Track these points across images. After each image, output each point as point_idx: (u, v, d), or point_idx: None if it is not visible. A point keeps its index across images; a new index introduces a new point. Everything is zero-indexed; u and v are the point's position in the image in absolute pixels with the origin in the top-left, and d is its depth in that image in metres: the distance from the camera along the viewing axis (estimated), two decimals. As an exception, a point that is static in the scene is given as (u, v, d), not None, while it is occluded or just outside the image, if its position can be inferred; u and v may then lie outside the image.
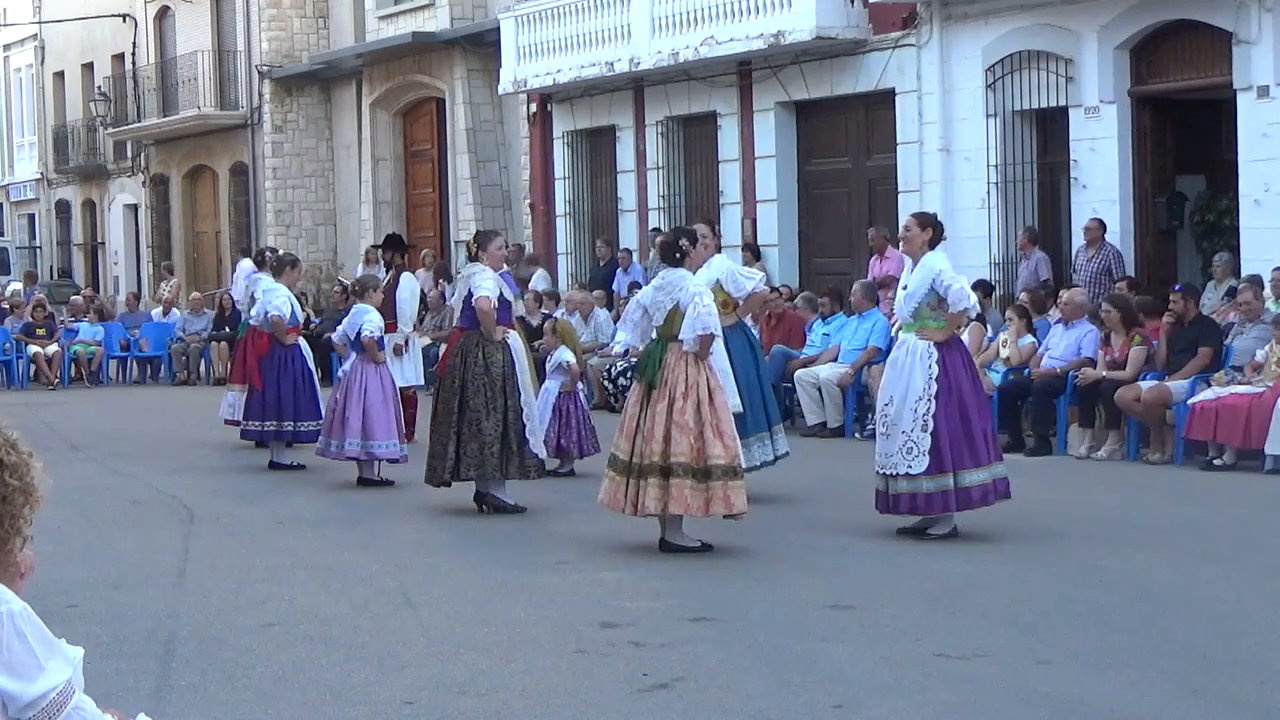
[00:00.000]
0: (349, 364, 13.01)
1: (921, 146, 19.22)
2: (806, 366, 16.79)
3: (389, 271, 15.52)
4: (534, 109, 25.87)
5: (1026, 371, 14.93)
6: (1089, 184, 17.40)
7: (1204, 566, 9.15)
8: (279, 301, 14.38)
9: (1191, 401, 13.28)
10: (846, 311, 17.23)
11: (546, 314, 20.10)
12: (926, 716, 6.14)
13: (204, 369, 25.42)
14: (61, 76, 42.33)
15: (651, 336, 9.76)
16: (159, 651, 7.31)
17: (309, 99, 32.58)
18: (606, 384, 18.60)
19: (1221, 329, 14.38)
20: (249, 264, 17.66)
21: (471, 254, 11.57)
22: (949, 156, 18.88)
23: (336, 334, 13.62)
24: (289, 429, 14.18)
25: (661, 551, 9.58)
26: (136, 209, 39.35)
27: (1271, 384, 12.99)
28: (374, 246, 22.72)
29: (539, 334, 16.40)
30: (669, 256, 9.87)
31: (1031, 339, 15.34)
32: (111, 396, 23.27)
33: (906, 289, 10.08)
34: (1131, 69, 17.23)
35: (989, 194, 18.44)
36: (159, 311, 27.31)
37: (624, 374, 17.61)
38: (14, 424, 3.31)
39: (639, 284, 17.99)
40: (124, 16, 38.09)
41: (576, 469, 13.13)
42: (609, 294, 21.86)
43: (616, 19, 22.90)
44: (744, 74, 21.69)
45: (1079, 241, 17.22)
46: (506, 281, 11.57)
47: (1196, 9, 16.34)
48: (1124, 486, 12.58)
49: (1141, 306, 14.69)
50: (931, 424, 9.75)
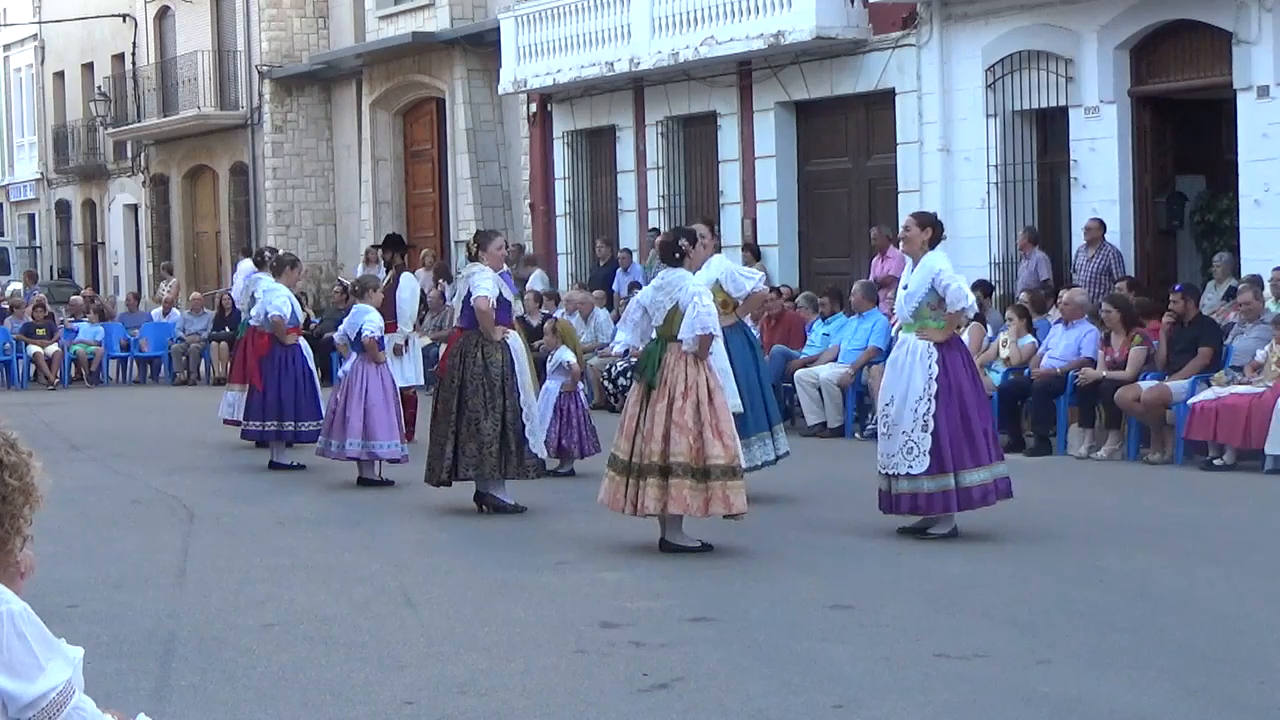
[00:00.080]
0: (349, 364, 13.01)
1: (921, 146, 19.22)
2: (806, 366, 16.79)
3: (389, 271, 15.52)
4: (534, 109, 25.86)
5: (1026, 371, 14.93)
6: (1089, 184, 17.40)
7: (1204, 566, 9.15)
8: (279, 301, 14.39)
9: (1191, 401, 13.28)
10: (846, 311, 17.24)
11: (546, 314, 20.10)
12: (926, 716, 6.14)
13: (204, 369, 25.42)
14: (61, 76, 42.33)
15: (651, 336, 9.76)
16: (159, 651, 7.31)
17: (309, 99, 32.58)
18: (606, 384, 18.60)
19: (1221, 329, 14.38)
20: (249, 264, 17.66)
21: (472, 254, 11.59)
22: (949, 156, 18.88)
23: (338, 334, 13.64)
24: (289, 429, 14.18)
25: (661, 551, 9.59)
26: (136, 209, 39.34)
27: (1271, 384, 12.99)
28: (374, 246, 22.72)
29: (539, 334, 16.41)
30: (669, 257, 9.87)
31: (1031, 339, 15.34)
32: (111, 396, 23.27)
33: (907, 289, 10.09)
34: (1131, 69, 17.23)
35: (989, 194, 18.44)
36: (159, 311, 27.31)
37: (624, 374, 17.61)
38: (14, 424, 3.31)
39: (639, 284, 17.98)
40: (124, 16, 38.09)
41: (576, 469, 13.13)
42: (609, 294, 21.86)
43: (616, 19, 22.89)
44: (744, 74, 21.69)
45: (1079, 241, 17.22)
46: (506, 281, 11.57)
47: (1196, 9, 16.34)
48: (1124, 486, 12.58)
49: (1140, 308, 14.69)
50: (932, 424, 9.75)
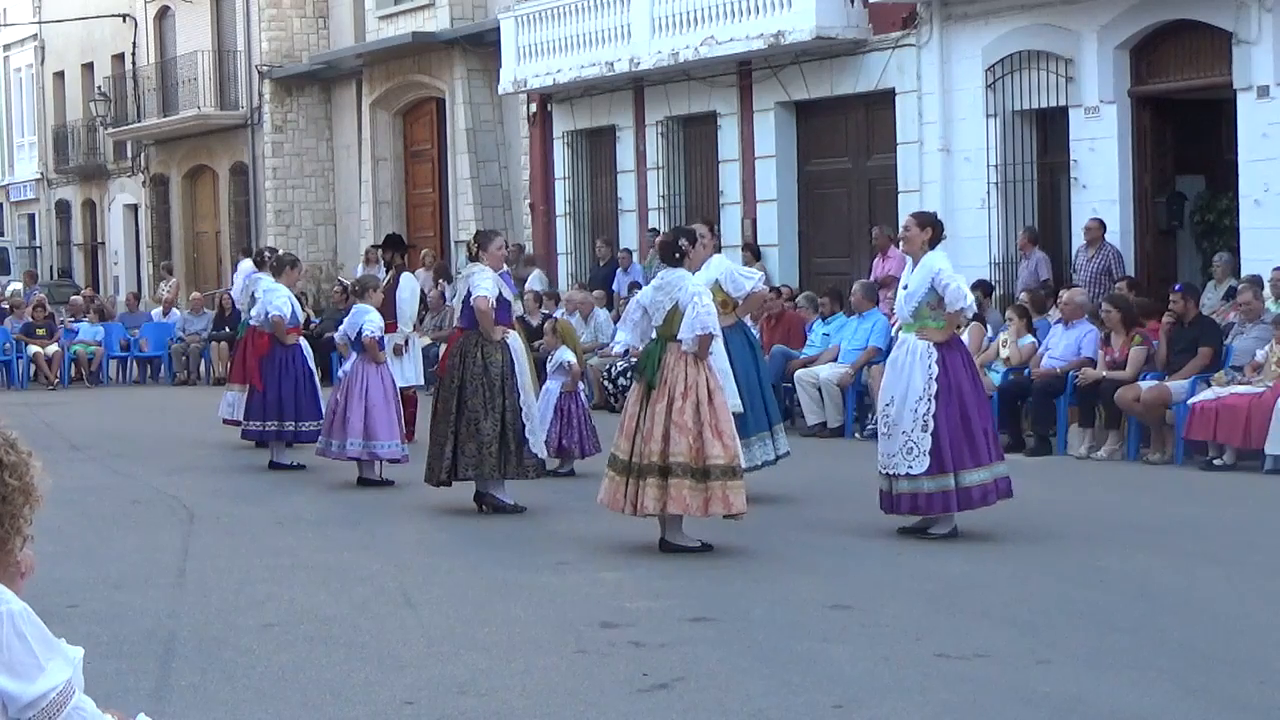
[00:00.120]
0: (349, 364, 13.01)
1: (921, 146, 19.21)
2: (806, 366, 16.79)
3: (389, 271, 15.51)
4: (534, 109, 25.86)
5: (1026, 371, 14.93)
6: (1089, 184, 17.40)
7: (1204, 566, 9.15)
8: (279, 301, 14.39)
9: (1191, 401, 13.28)
10: (846, 311, 17.24)
11: (546, 314, 20.10)
12: (926, 716, 6.14)
13: (204, 369, 25.42)
14: (61, 76, 42.33)
15: (651, 336, 9.76)
16: (159, 651, 7.31)
17: (309, 99, 32.58)
18: (606, 384, 18.60)
19: (1221, 329, 14.38)
20: (249, 264, 17.66)
21: (472, 254, 11.58)
22: (949, 156, 18.88)
23: (338, 334, 13.64)
24: (290, 429, 14.19)
25: (661, 551, 9.59)
26: (136, 209, 39.34)
27: (1271, 384, 12.99)
28: (374, 246, 22.72)
29: (539, 334, 16.41)
30: (668, 257, 9.87)
31: (1031, 339, 15.34)
32: (111, 396, 23.27)
33: (907, 289, 10.09)
34: (1131, 69, 17.23)
35: (989, 194, 18.43)
36: (159, 311, 27.31)
37: (624, 374, 17.61)
38: (14, 424, 3.31)
39: (639, 284, 17.98)
40: (124, 16, 38.08)
41: (576, 469, 13.13)
42: (609, 294, 21.86)
43: (616, 19, 22.89)
44: (744, 74, 21.68)
45: (1079, 241, 17.21)
46: (506, 281, 11.57)
47: (1196, 9, 16.34)
48: (1124, 486, 12.58)
49: (1139, 309, 14.69)
50: (931, 424, 9.75)
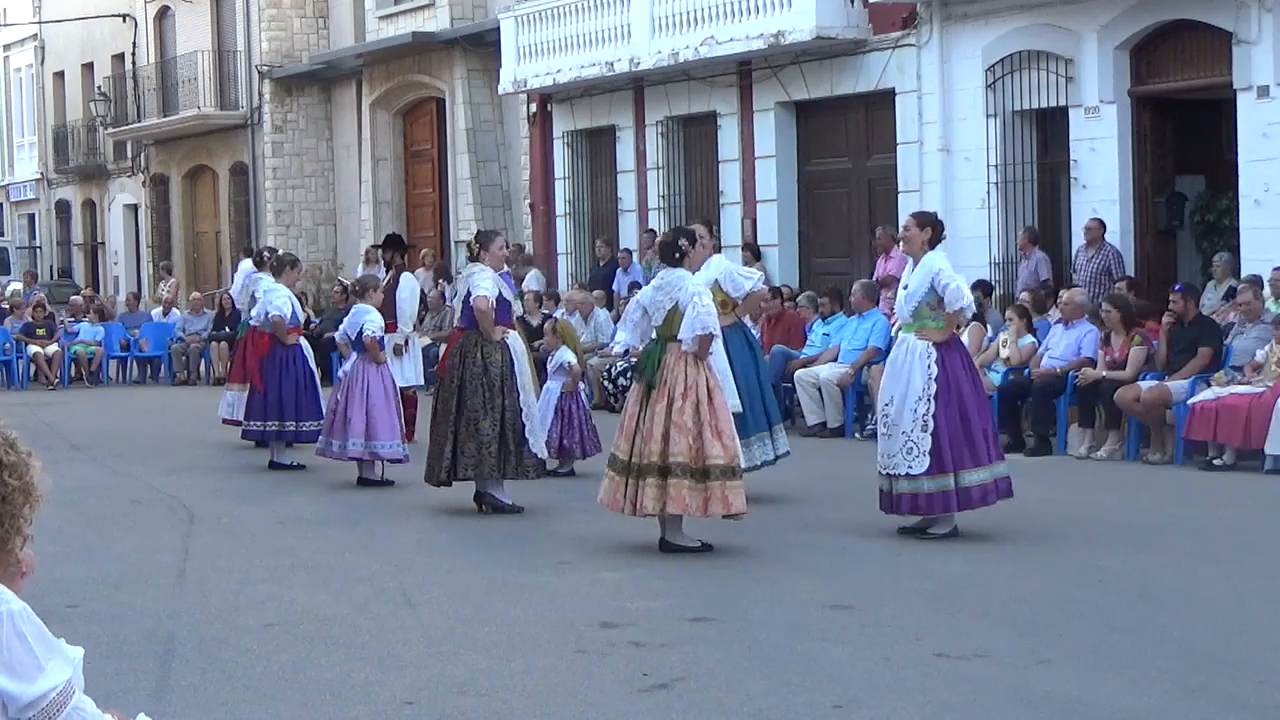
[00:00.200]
0: (350, 364, 13.01)
1: (921, 146, 19.21)
2: (806, 366, 16.79)
3: (389, 271, 15.51)
4: (534, 109, 25.86)
5: (1026, 371, 14.93)
6: (1089, 184, 17.39)
7: (1204, 566, 9.15)
8: (280, 301, 14.39)
9: (1191, 401, 13.28)
10: (846, 311, 17.24)
11: (546, 314, 20.10)
12: (926, 716, 6.14)
13: (204, 369, 25.42)
14: (61, 76, 42.33)
15: (651, 336, 9.76)
16: (159, 651, 7.31)
17: (309, 99, 32.57)
18: (606, 384, 18.60)
19: (1221, 329, 14.38)
20: (249, 264, 17.67)
21: (474, 254, 11.55)
22: (949, 156, 18.87)
23: (339, 334, 13.64)
24: (291, 429, 14.18)
25: (661, 551, 9.59)
26: (136, 209, 39.34)
27: (1271, 384, 12.99)
28: (374, 246, 22.72)
29: (539, 334, 16.41)
30: (668, 257, 9.87)
31: (1031, 339, 15.33)
32: (111, 396, 23.27)
33: (907, 288, 10.10)
34: (1131, 69, 17.22)
35: (989, 194, 18.43)
36: (159, 311, 27.31)
37: (624, 374, 17.61)
38: (14, 424, 3.31)
39: (639, 284, 17.98)
40: (124, 16, 38.08)
41: (576, 469, 13.13)
42: (609, 294, 21.86)
43: (616, 19, 22.89)
44: (744, 74, 21.68)
45: (1079, 241, 17.21)
46: (506, 281, 11.57)
47: (1196, 9, 16.33)
48: (1124, 486, 12.58)
49: (1139, 311, 14.69)
50: (931, 424, 9.76)
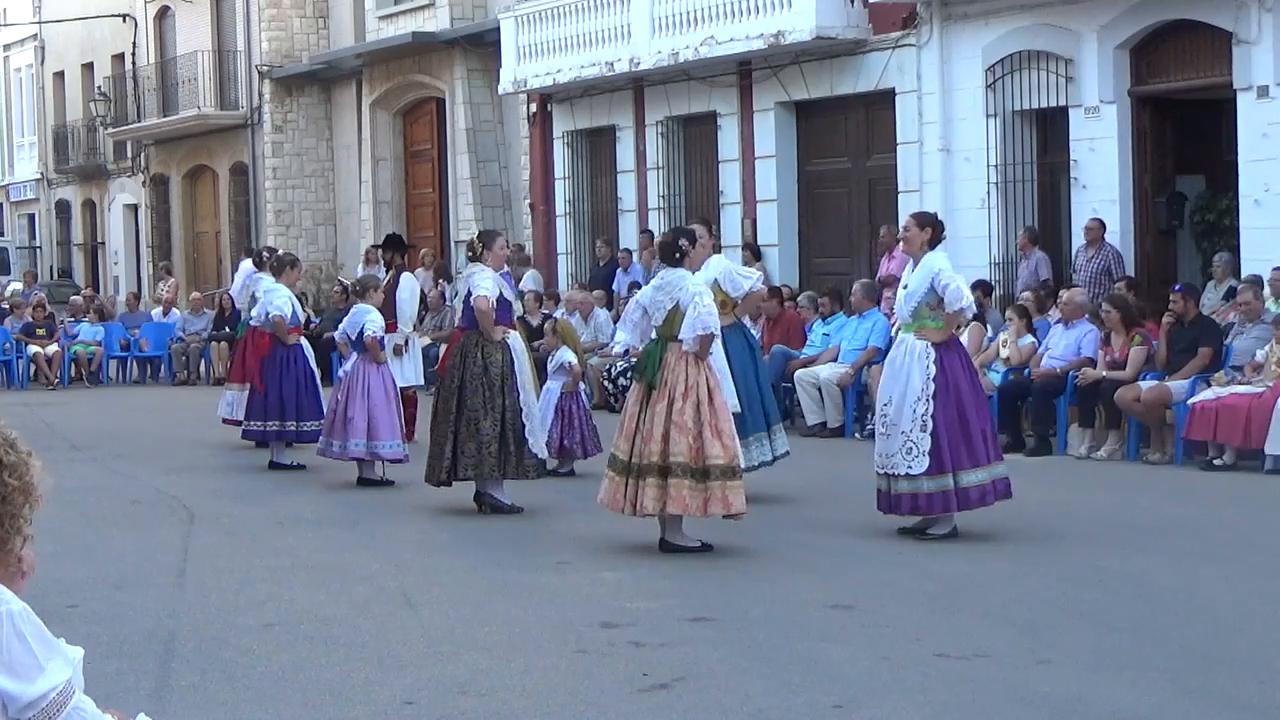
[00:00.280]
0: (350, 364, 13.01)
1: (921, 146, 19.21)
2: (806, 366, 16.80)
3: (389, 271, 15.51)
4: (534, 109, 25.86)
5: (1026, 371, 14.93)
6: (1089, 184, 17.39)
7: (1204, 566, 9.15)
8: (280, 301, 14.39)
9: (1191, 401, 13.28)
10: (846, 311, 17.24)
11: (546, 314, 20.10)
12: (926, 716, 6.14)
13: (204, 369, 25.42)
14: (61, 76, 42.32)
15: (651, 336, 9.76)
16: (159, 651, 7.31)
17: (309, 99, 32.57)
18: (606, 384, 18.60)
19: (1221, 329, 14.38)
20: (249, 264, 17.67)
21: (476, 253, 11.50)
22: (949, 156, 18.87)
23: (338, 333, 13.64)
24: (291, 429, 14.18)
25: (661, 551, 9.59)
26: (136, 209, 39.34)
27: (1271, 384, 12.99)
28: (374, 246, 22.71)
29: (539, 334, 16.41)
30: (668, 257, 9.87)
31: (1031, 339, 15.33)
32: (111, 396, 23.27)
33: (907, 288, 10.10)
34: (1131, 69, 17.22)
35: (989, 194, 18.43)
36: (159, 311, 27.30)
37: (624, 374, 17.61)
38: (14, 424, 3.31)
39: (639, 284, 17.98)
40: (124, 16, 38.08)
41: (576, 469, 13.13)
42: (609, 294, 21.85)
43: (616, 19, 22.88)
44: (744, 74, 21.68)
45: (1079, 241, 17.21)
46: (506, 281, 11.57)
47: (1196, 9, 16.33)
48: (1124, 486, 12.57)
49: (1138, 310, 14.68)
50: (930, 424, 9.75)
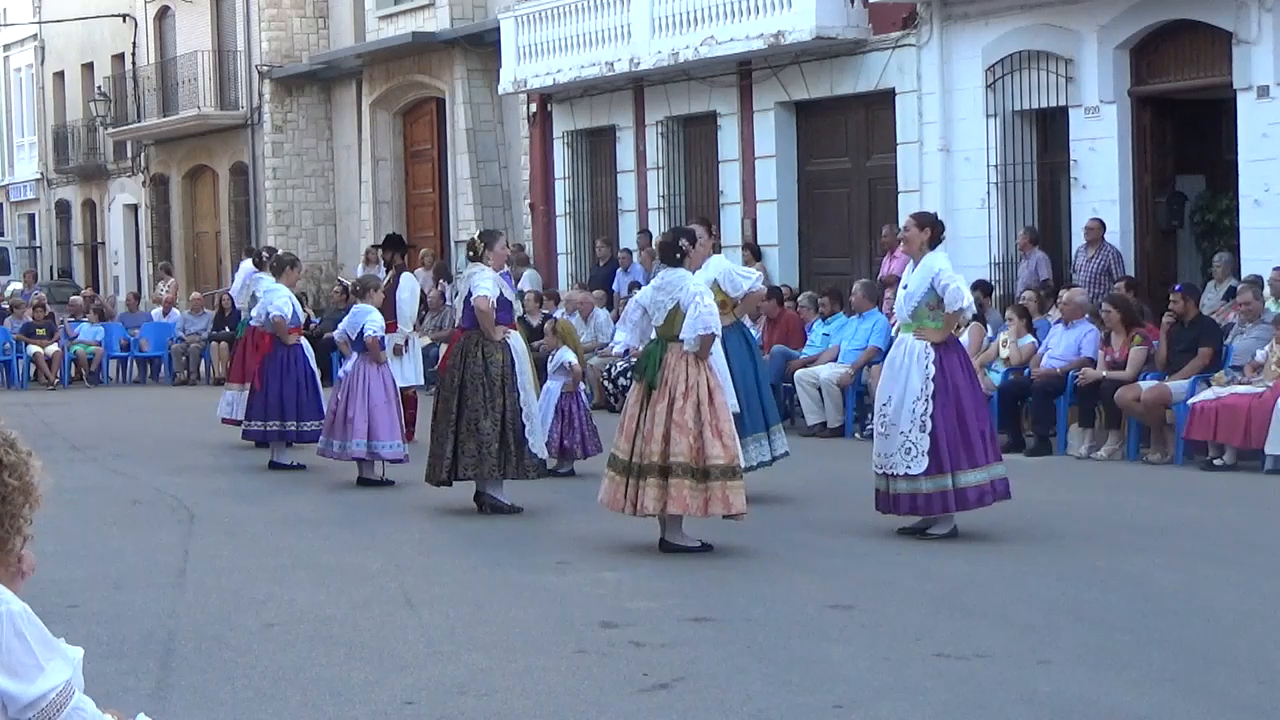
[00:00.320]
0: (350, 364, 13.01)
1: (921, 146, 19.21)
2: (806, 366, 16.79)
3: (389, 271, 15.51)
4: (534, 109, 25.86)
5: (1026, 371, 14.93)
6: (1089, 184, 17.39)
7: (1204, 566, 9.15)
8: (280, 302, 14.39)
9: (1191, 401, 13.28)
10: (846, 311, 17.24)
11: (546, 314, 20.10)
12: (926, 716, 6.14)
13: (204, 369, 25.42)
14: (61, 76, 42.32)
15: (651, 336, 9.76)
16: (159, 651, 7.31)
17: (309, 99, 32.57)
18: (606, 384, 18.60)
19: (1221, 329, 14.38)
20: (250, 264, 17.68)
21: (478, 253, 11.47)
22: (949, 156, 18.87)
23: (337, 332, 13.64)
24: (292, 429, 14.18)
25: (661, 551, 9.59)
26: (136, 209, 39.34)
27: (1271, 384, 12.99)
28: (374, 246, 22.71)
29: (539, 334, 16.41)
30: (669, 257, 9.87)
31: (1031, 339, 15.33)
32: (111, 396, 23.26)
33: (907, 288, 10.10)
34: (1131, 69, 17.22)
35: (989, 194, 18.43)
36: (159, 311, 27.30)
37: (624, 374, 17.61)
38: (14, 424, 3.31)
39: (639, 284, 17.98)
40: (124, 16, 38.08)
41: (577, 469, 13.13)
42: (609, 294, 21.85)
43: (616, 19, 22.88)
44: (744, 74, 21.68)
45: (1079, 241, 17.21)
46: (507, 281, 11.56)
47: (1196, 9, 16.33)
48: (1124, 486, 12.57)
49: (1138, 312, 14.68)
50: (929, 424, 9.75)
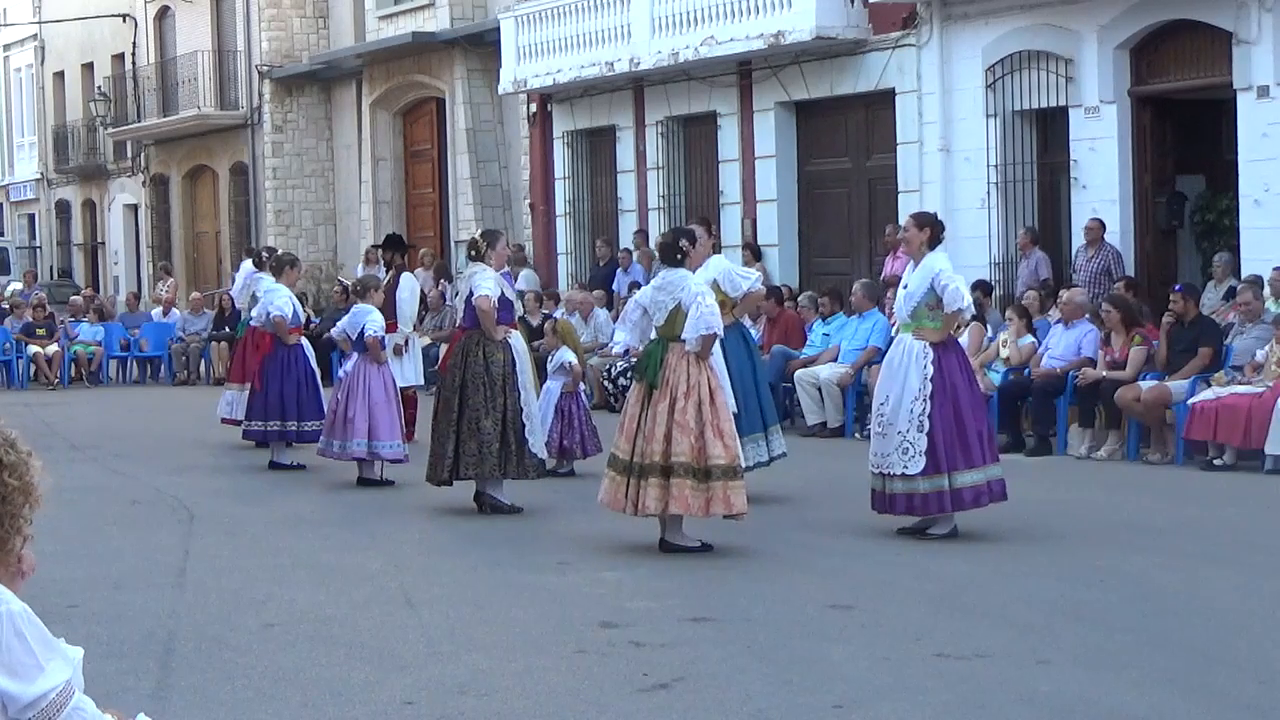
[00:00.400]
0: (350, 364, 13.01)
1: (921, 146, 19.21)
2: (806, 366, 16.79)
3: (389, 271, 15.51)
4: (534, 109, 25.86)
5: (1026, 371, 14.93)
6: (1089, 184, 17.39)
7: (1204, 566, 9.15)
8: (281, 302, 14.39)
9: (1191, 401, 13.28)
10: (846, 311, 17.24)
11: (546, 314, 20.10)
12: (926, 716, 6.14)
13: (204, 369, 25.43)
14: (61, 76, 42.32)
15: (651, 336, 9.76)
16: (159, 651, 7.31)
17: (309, 99, 32.57)
18: (606, 384, 18.60)
19: (1221, 329, 14.38)
20: (250, 264, 17.68)
21: (480, 252, 11.46)
22: (949, 156, 18.87)
23: (336, 330, 13.63)
24: (292, 429, 14.17)
25: (661, 551, 9.59)
26: (136, 209, 39.34)
27: (1271, 384, 12.99)
28: (374, 246, 22.71)
29: (539, 334, 16.41)
30: (669, 257, 9.87)
31: (1031, 339, 15.33)
32: (111, 396, 23.26)
33: (907, 288, 10.10)
34: (1131, 69, 17.22)
35: (989, 194, 18.43)
36: (159, 311, 27.29)
37: (624, 374, 17.61)
38: (14, 424, 3.31)
39: (639, 284, 17.99)
40: (124, 16, 38.08)
41: (576, 469, 13.13)
42: (609, 294, 21.86)
43: (616, 19, 22.88)
44: (744, 74, 21.68)
45: (1079, 241, 17.22)
46: (507, 281, 11.57)
47: (1196, 9, 16.33)
48: (1124, 486, 12.57)
49: (1137, 312, 14.68)
50: (927, 424, 9.75)
